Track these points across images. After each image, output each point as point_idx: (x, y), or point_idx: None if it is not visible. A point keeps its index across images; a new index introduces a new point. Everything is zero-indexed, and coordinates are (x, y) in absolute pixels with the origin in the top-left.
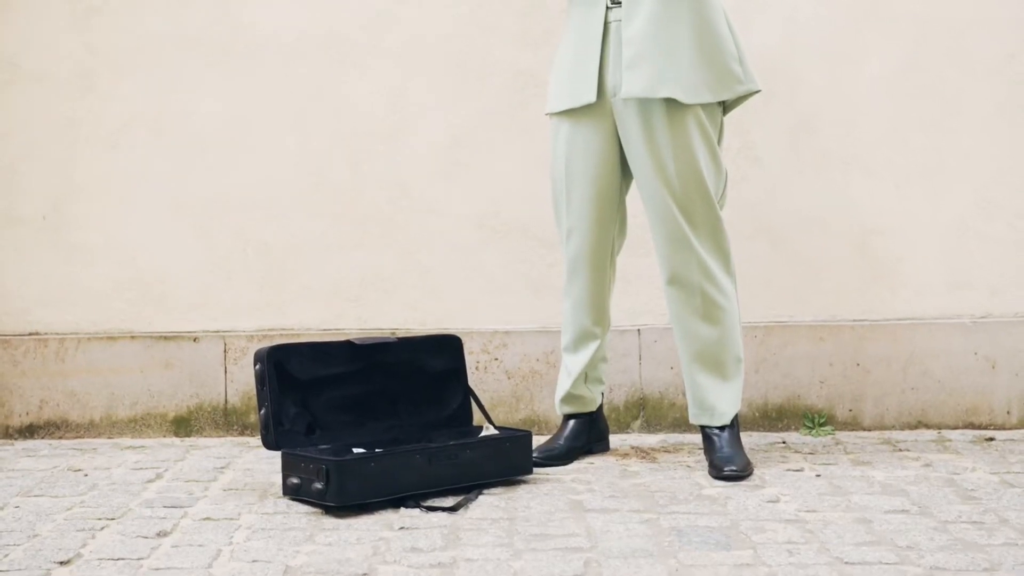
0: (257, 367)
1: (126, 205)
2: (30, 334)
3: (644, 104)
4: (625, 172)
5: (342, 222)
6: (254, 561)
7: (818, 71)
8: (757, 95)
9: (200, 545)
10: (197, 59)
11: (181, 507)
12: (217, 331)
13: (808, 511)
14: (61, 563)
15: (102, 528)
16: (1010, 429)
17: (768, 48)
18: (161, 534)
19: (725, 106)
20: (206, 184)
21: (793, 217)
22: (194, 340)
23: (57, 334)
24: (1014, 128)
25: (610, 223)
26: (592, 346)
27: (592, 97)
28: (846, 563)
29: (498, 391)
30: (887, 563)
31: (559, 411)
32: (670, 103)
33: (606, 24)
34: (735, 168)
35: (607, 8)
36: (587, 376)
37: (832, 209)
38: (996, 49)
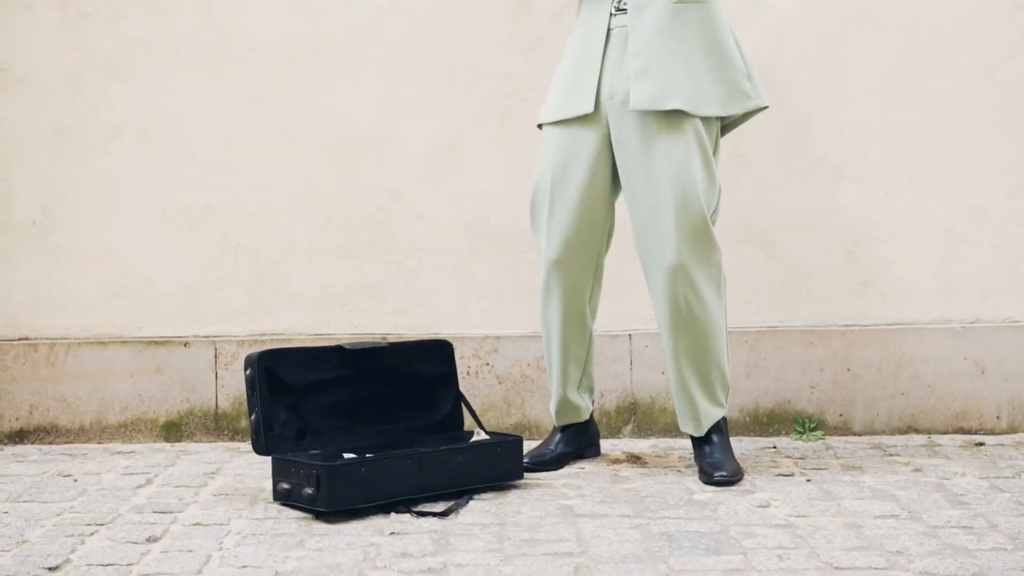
0: (247, 372)
1: (116, 210)
2: (20, 339)
3: (644, 113)
4: (615, 182)
5: (331, 228)
6: (244, 567)
7: (807, 77)
8: (764, 111)
9: (190, 551)
10: (186, 65)
11: (171, 512)
12: (207, 336)
13: (798, 516)
14: (50, 569)
15: (91, 534)
16: (1000, 434)
17: (758, 54)
18: (151, 540)
19: (727, 124)
20: (196, 190)
21: (783, 223)
22: (184, 345)
23: (47, 339)
24: (1002, 134)
25: (597, 233)
26: (575, 355)
27: (589, 108)
28: (836, 568)
29: (489, 396)
30: (877, 568)
31: (556, 422)
32: (671, 113)
33: (608, 31)
34: (725, 174)
35: (611, 15)
36: (580, 384)
37: (822, 215)
38: (984, 56)
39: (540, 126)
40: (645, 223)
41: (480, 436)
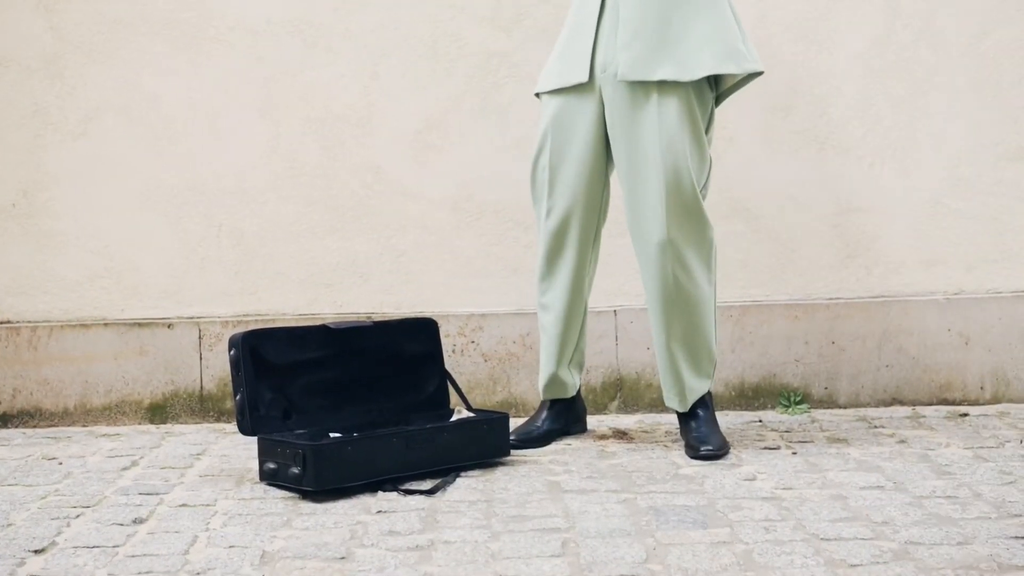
0: (232, 352)
1: (97, 192)
2: (2, 323)
3: (635, 84)
4: (609, 154)
5: (315, 207)
6: (231, 547)
7: (792, 50)
8: (759, 78)
9: (176, 532)
10: (166, 44)
11: (157, 494)
12: (191, 317)
13: (784, 488)
14: (36, 552)
15: (77, 516)
16: (984, 404)
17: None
18: (137, 521)
19: (722, 92)
20: (177, 170)
21: (767, 196)
22: (168, 327)
23: (29, 322)
24: (986, 105)
25: (596, 204)
26: (574, 328)
27: (584, 76)
28: (822, 539)
29: (475, 374)
30: (863, 538)
31: (543, 396)
32: (662, 84)
33: (603, 1)
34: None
35: None
36: (571, 359)
37: (806, 188)
38: (968, 27)
39: (538, 95)
40: (635, 198)
41: (466, 414)
